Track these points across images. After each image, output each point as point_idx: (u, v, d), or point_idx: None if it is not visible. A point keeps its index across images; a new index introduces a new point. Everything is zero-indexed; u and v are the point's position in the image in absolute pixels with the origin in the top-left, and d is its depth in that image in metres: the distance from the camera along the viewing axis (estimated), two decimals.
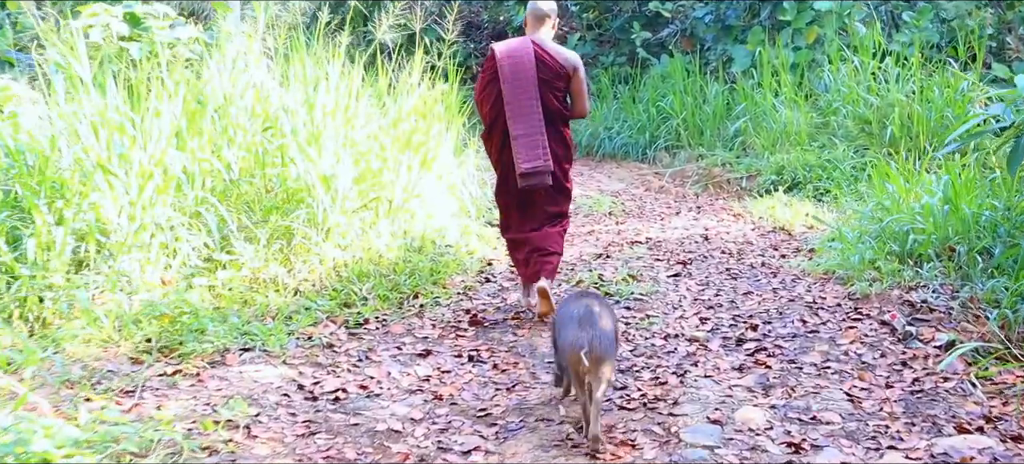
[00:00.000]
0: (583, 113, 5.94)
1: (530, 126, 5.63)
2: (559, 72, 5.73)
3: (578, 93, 5.83)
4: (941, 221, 6.65)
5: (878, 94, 11.36)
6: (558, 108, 5.77)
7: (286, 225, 6.35)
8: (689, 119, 13.53)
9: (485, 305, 6.21)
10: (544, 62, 5.70)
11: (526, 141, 5.63)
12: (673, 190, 11.60)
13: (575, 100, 5.87)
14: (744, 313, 5.92)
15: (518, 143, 5.63)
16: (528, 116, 5.63)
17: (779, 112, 11.80)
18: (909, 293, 6.03)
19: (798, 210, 9.13)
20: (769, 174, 10.79)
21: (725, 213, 9.68)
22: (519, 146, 5.63)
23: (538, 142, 5.63)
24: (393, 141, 7.49)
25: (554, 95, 5.74)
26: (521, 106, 5.64)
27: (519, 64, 5.65)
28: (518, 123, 5.63)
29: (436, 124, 8.23)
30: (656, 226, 9.06)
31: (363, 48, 8.66)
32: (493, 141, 5.88)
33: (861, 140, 11.02)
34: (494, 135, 5.85)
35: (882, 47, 11.74)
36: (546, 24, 5.87)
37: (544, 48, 5.74)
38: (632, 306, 6.08)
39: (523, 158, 5.62)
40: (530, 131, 5.63)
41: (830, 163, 10.52)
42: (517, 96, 5.63)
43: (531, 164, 5.61)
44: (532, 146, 5.63)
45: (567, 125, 5.90)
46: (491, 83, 5.76)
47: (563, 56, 5.77)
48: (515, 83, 5.63)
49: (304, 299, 5.91)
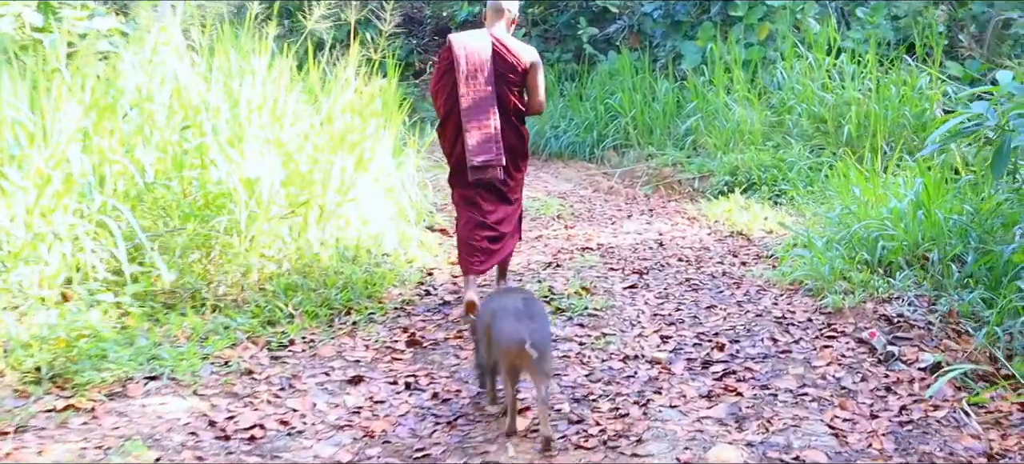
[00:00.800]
0: (540, 109, 5.84)
1: (484, 120, 5.56)
2: (516, 67, 5.64)
3: (535, 88, 5.73)
4: (912, 227, 6.21)
5: (833, 92, 10.96)
6: (514, 103, 5.69)
7: (205, 233, 5.71)
8: (638, 117, 13.02)
9: (424, 322, 5.61)
10: (501, 56, 5.61)
11: (480, 134, 5.56)
12: (623, 191, 11.08)
13: (532, 95, 5.77)
14: (709, 330, 5.39)
15: (471, 137, 5.56)
16: (482, 110, 5.56)
17: (732, 110, 11.34)
18: (883, 306, 5.56)
19: (756, 214, 8.65)
20: (723, 175, 10.32)
21: (679, 216, 9.17)
22: (471, 139, 5.56)
23: (491, 136, 5.57)
24: (326, 141, 6.86)
25: (511, 90, 5.66)
26: (476, 99, 5.56)
27: (475, 57, 5.57)
28: (471, 116, 5.56)
29: (373, 122, 7.61)
30: (607, 231, 8.52)
31: (293, 40, 8.02)
32: (447, 133, 5.77)
33: (817, 139, 10.60)
34: (448, 127, 5.74)
35: (837, 44, 11.33)
36: (505, 18, 5.79)
37: (502, 42, 5.65)
38: (586, 323, 5.51)
39: (475, 152, 5.55)
40: (484, 125, 5.56)
41: (786, 163, 10.08)
42: (472, 89, 5.56)
43: (483, 158, 5.55)
44: (485, 140, 5.56)
45: (523, 120, 5.84)
46: (446, 74, 5.66)
47: (521, 51, 5.68)
48: (470, 76, 5.56)
49: (223, 317, 5.28)
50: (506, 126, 5.66)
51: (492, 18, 5.80)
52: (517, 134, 5.78)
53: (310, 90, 7.45)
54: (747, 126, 11.01)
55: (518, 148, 5.81)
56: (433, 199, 9.05)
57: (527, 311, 3.89)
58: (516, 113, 5.75)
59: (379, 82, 8.24)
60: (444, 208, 9.29)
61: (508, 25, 5.83)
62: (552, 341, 4.24)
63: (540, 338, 3.76)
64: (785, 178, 9.84)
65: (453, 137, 5.74)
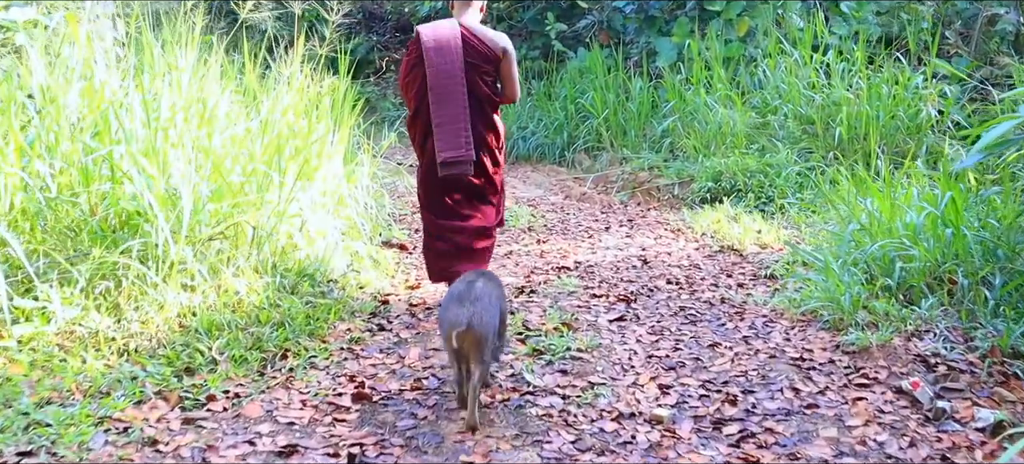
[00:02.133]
0: (513, 98, 5.57)
1: (454, 113, 5.27)
2: (487, 56, 5.37)
3: (508, 77, 5.47)
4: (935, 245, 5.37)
5: (821, 92, 10.12)
6: (487, 93, 5.41)
7: (114, 260, 4.72)
8: (611, 118, 12.09)
9: (376, 366, 4.63)
10: (471, 46, 5.33)
11: (449, 129, 5.27)
12: (597, 198, 10.16)
13: (505, 84, 5.51)
14: (716, 376, 4.47)
15: (440, 130, 5.28)
16: (452, 103, 5.27)
17: (713, 111, 10.45)
18: (913, 342, 4.69)
19: (748, 226, 7.76)
20: (705, 181, 9.44)
21: (661, 228, 8.26)
22: (440, 134, 5.28)
23: (461, 130, 5.28)
24: (264, 148, 5.88)
25: (483, 80, 5.38)
26: (445, 92, 5.27)
27: (445, 47, 5.28)
28: (441, 110, 5.27)
29: (321, 125, 6.64)
30: (584, 245, 7.58)
31: (225, 30, 7.03)
32: (417, 128, 5.48)
33: (805, 142, 9.76)
34: (418, 122, 5.45)
35: (824, 41, 10.49)
36: (474, 6, 5.51)
37: (472, 31, 5.38)
38: (570, 368, 4.55)
39: (444, 146, 5.27)
40: (454, 119, 5.27)
41: (773, 168, 9.22)
42: (441, 81, 5.26)
43: (453, 153, 5.27)
44: (454, 134, 5.28)
45: (496, 109, 5.54)
46: (416, 67, 5.37)
47: (491, 39, 5.39)
48: (440, 67, 5.26)
49: (132, 364, 4.30)
50: (478, 119, 5.37)
51: (460, 7, 5.50)
52: (491, 127, 5.48)
53: (247, 90, 6.45)
54: (729, 128, 10.14)
55: (493, 142, 5.50)
56: (391, 209, 8.09)
57: (468, 294, 3.82)
58: (490, 103, 5.45)
59: (330, 80, 7.28)
60: (403, 219, 8.33)
61: (478, 13, 5.55)
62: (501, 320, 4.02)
63: (479, 322, 3.69)
64: (773, 184, 8.99)
65: (423, 132, 5.42)
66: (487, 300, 3.85)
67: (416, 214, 8.74)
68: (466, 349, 3.73)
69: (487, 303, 3.83)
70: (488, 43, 5.38)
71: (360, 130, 8.31)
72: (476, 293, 3.84)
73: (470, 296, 3.81)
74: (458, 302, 3.79)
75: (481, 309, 3.75)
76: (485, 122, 5.44)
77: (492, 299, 3.90)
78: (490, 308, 3.83)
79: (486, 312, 3.77)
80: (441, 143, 5.28)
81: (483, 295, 3.85)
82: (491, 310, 3.83)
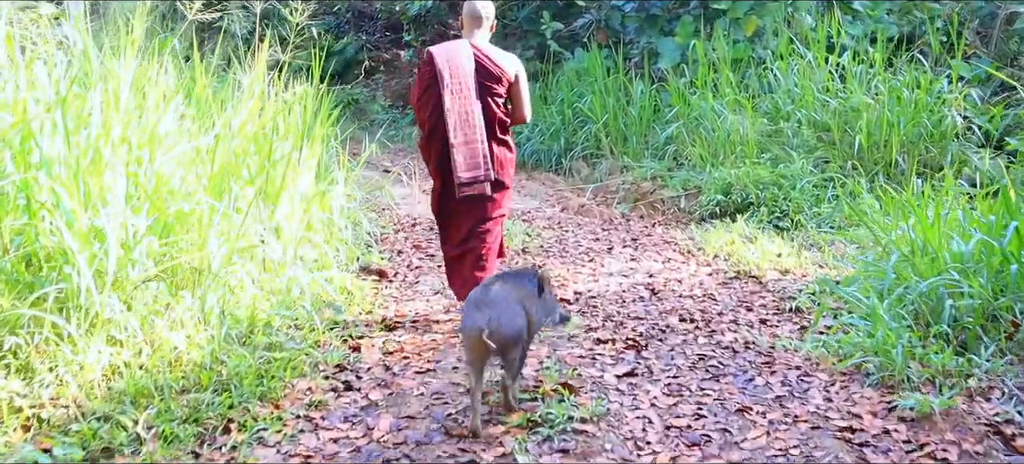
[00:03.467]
0: (524, 119, 5.50)
1: (470, 134, 5.19)
2: (500, 78, 5.27)
3: (519, 99, 5.40)
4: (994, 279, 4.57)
5: (837, 96, 9.29)
6: (499, 116, 5.32)
7: (20, 314, 3.88)
8: (611, 123, 11.23)
9: (338, 441, 3.78)
10: (484, 67, 5.24)
11: (466, 150, 5.20)
12: (597, 210, 9.31)
13: (516, 106, 5.43)
14: (750, 457, 3.61)
15: (457, 152, 5.18)
16: (468, 124, 5.19)
17: (721, 117, 9.61)
18: (979, 403, 3.88)
19: (765, 248, 6.93)
20: (713, 193, 8.61)
21: (669, 249, 7.42)
22: (459, 155, 5.19)
23: (478, 151, 5.21)
24: (221, 169, 5.03)
25: (495, 101, 5.29)
26: (461, 114, 5.18)
27: (458, 69, 5.19)
28: (458, 131, 5.18)
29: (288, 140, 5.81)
30: (585, 271, 6.74)
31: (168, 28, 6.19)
32: (432, 149, 5.32)
33: (821, 151, 8.93)
34: (433, 143, 5.30)
35: (839, 41, 9.66)
36: (483, 26, 5.39)
37: (484, 52, 5.28)
38: (573, 446, 3.69)
39: (463, 168, 5.20)
40: (470, 139, 5.20)
41: (787, 180, 8.39)
42: (457, 103, 5.17)
43: (471, 173, 5.21)
44: (472, 155, 5.20)
45: (508, 131, 5.45)
46: (430, 88, 5.23)
47: (504, 61, 5.32)
48: (455, 89, 5.17)
49: (36, 445, 3.46)
50: (492, 140, 5.29)
51: (470, 26, 5.38)
52: (504, 147, 5.40)
53: (198, 101, 5.59)
54: (739, 135, 9.30)
55: (505, 162, 5.41)
56: (372, 228, 7.25)
57: (486, 298, 3.77)
58: (501, 126, 5.36)
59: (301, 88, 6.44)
60: (385, 240, 7.49)
61: (488, 32, 5.41)
62: None
63: (497, 325, 3.64)
64: (788, 198, 8.16)
65: (439, 152, 5.27)
66: (506, 303, 3.78)
67: (400, 233, 7.91)
68: (485, 355, 3.67)
69: (506, 306, 3.76)
70: (501, 65, 5.27)
71: (338, 141, 7.47)
72: (492, 297, 3.78)
73: (487, 300, 3.75)
74: (476, 308, 3.74)
75: (499, 313, 3.68)
76: (499, 143, 5.35)
77: (511, 301, 3.82)
78: (509, 310, 3.76)
79: (504, 315, 3.71)
80: (460, 165, 5.18)
81: (500, 298, 3.78)
82: (511, 311, 3.77)
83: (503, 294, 3.84)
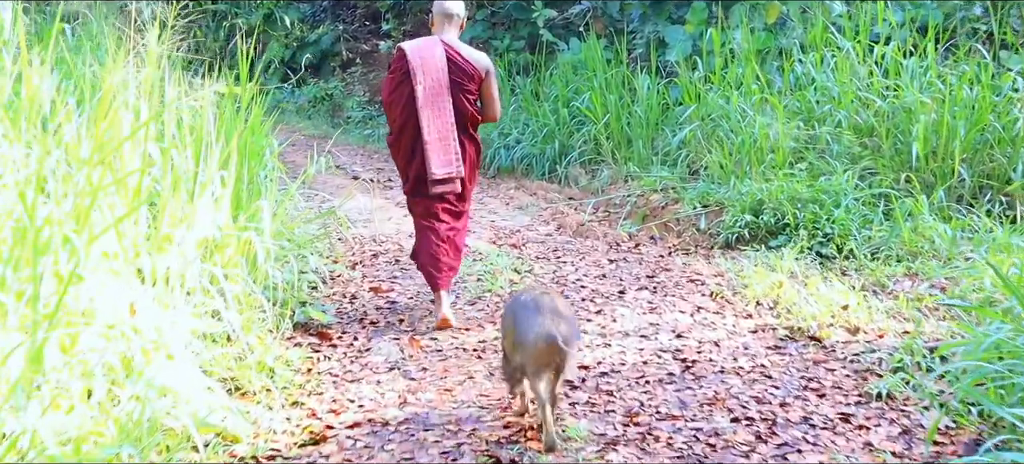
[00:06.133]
0: (495, 117, 5.43)
1: (443, 130, 5.13)
2: (472, 75, 5.19)
3: (490, 97, 5.31)
4: None
5: (882, 95, 7.61)
6: (471, 112, 5.24)
7: None
8: (613, 124, 9.46)
9: None
10: (456, 64, 5.16)
11: (439, 146, 5.12)
12: (599, 231, 7.59)
13: (486, 104, 5.34)
14: None
15: (431, 148, 5.10)
16: (441, 120, 5.13)
17: (746, 118, 7.91)
18: None
19: (820, 292, 5.24)
20: (740, 212, 6.91)
21: (696, 290, 5.67)
22: (431, 151, 5.11)
23: (451, 147, 5.15)
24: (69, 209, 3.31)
25: (466, 98, 5.20)
26: (434, 109, 5.11)
27: (431, 65, 5.11)
28: (431, 127, 5.11)
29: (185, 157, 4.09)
30: (591, 327, 5.00)
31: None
32: (402, 146, 5.22)
33: (866, 160, 7.24)
34: (403, 140, 5.20)
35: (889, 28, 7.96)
36: (454, 23, 5.29)
37: (455, 49, 5.19)
38: None
39: (436, 164, 5.12)
40: (443, 136, 5.13)
41: (828, 196, 6.70)
42: (429, 99, 5.10)
43: (445, 170, 5.14)
44: (445, 151, 5.14)
45: (476, 128, 5.37)
46: (401, 84, 5.14)
47: (475, 58, 5.24)
48: (428, 85, 5.09)
49: None
50: (463, 137, 5.23)
51: (441, 23, 5.30)
52: (473, 143, 5.36)
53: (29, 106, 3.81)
54: (767, 140, 7.60)
55: (475, 160, 5.38)
56: (317, 265, 5.53)
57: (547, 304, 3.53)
58: (472, 122, 5.30)
59: (213, 87, 4.73)
60: (337, 279, 5.79)
61: (458, 30, 5.34)
62: None
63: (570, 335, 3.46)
64: (831, 218, 6.48)
65: (409, 149, 5.20)
66: (567, 311, 3.59)
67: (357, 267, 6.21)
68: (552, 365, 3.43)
69: (568, 314, 3.59)
70: (472, 62, 5.21)
71: (273, 155, 5.73)
72: (554, 305, 3.55)
73: (550, 307, 3.51)
74: (540, 313, 3.48)
75: (565, 321, 3.49)
76: (470, 140, 5.30)
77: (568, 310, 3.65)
78: (571, 319, 3.59)
79: (571, 323, 3.56)
80: (433, 161, 5.11)
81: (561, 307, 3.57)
82: (572, 320, 3.62)
83: (560, 303, 3.62)
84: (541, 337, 3.39)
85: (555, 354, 3.39)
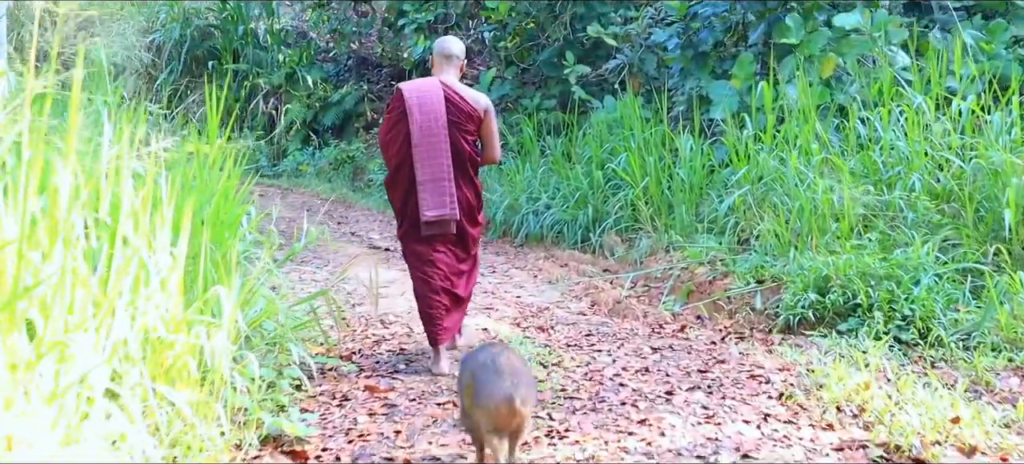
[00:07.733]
0: (495, 159, 5.34)
1: (437, 171, 4.98)
2: (470, 115, 5.08)
3: (489, 138, 5.21)
4: None
5: (961, 154, 6.58)
6: (470, 153, 5.13)
7: None
8: (652, 188, 8.46)
9: None
10: (454, 103, 5.05)
11: (433, 187, 4.98)
12: (639, 309, 6.57)
13: (486, 145, 5.25)
14: None
15: (424, 189, 4.98)
16: (436, 160, 4.98)
17: (806, 182, 6.88)
18: None
19: (918, 396, 4.17)
20: (802, 290, 5.88)
21: (760, 390, 4.58)
22: (425, 192, 4.99)
23: (445, 189, 5.00)
24: None
25: (465, 138, 5.09)
26: (429, 149, 4.98)
27: (428, 105, 5.01)
28: (425, 168, 4.98)
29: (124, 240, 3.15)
30: (633, 442, 3.91)
31: None
32: (398, 186, 5.12)
33: (946, 230, 6.19)
34: (399, 179, 5.10)
35: (971, 80, 6.95)
36: (453, 64, 5.20)
37: (453, 89, 5.09)
38: None
39: (428, 205, 4.99)
40: (437, 177, 4.99)
41: (905, 271, 5.65)
42: (425, 138, 4.98)
43: (437, 212, 4.99)
44: (439, 192, 4.99)
45: (477, 170, 5.25)
46: (398, 124, 5.06)
47: (473, 98, 5.14)
48: (423, 125, 4.98)
49: None
50: (461, 179, 5.08)
51: (440, 64, 5.20)
52: (472, 187, 5.19)
53: None
54: (830, 207, 6.57)
55: (474, 202, 5.20)
56: (304, 357, 4.55)
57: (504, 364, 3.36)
58: (471, 163, 5.15)
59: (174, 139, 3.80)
60: (327, 376, 4.80)
61: (457, 71, 5.21)
62: None
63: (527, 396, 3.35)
64: (910, 298, 5.43)
65: (405, 190, 5.06)
66: (525, 372, 3.44)
67: (353, 359, 5.23)
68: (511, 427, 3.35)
69: (527, 375, 3.43)
70: (470, 102, 5.09)
71: (250, 223, 4.79)
72: (511, 365, 3.38)
73: (508, 368, 3.36)
74: (499, 375, 3.33)
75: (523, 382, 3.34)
76: (468, 183, 5.15)
77: (528, 370, 3.51)
78: (530, 380, 3.45)
79: (529, 384, 3.40)
80: (425, 201, 4.98)
81: (518, 367, 3.41)
82: (531, 381, 3.47)
83: (518, 363, 3.44)
84: (501, 400, 3.27)
85: (514, 416, 3.30)
